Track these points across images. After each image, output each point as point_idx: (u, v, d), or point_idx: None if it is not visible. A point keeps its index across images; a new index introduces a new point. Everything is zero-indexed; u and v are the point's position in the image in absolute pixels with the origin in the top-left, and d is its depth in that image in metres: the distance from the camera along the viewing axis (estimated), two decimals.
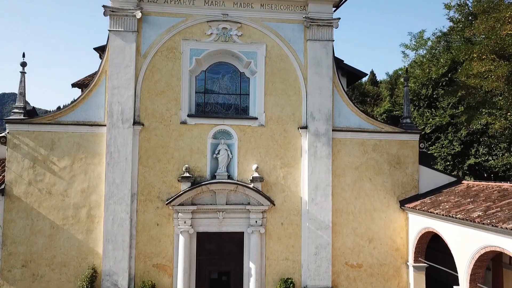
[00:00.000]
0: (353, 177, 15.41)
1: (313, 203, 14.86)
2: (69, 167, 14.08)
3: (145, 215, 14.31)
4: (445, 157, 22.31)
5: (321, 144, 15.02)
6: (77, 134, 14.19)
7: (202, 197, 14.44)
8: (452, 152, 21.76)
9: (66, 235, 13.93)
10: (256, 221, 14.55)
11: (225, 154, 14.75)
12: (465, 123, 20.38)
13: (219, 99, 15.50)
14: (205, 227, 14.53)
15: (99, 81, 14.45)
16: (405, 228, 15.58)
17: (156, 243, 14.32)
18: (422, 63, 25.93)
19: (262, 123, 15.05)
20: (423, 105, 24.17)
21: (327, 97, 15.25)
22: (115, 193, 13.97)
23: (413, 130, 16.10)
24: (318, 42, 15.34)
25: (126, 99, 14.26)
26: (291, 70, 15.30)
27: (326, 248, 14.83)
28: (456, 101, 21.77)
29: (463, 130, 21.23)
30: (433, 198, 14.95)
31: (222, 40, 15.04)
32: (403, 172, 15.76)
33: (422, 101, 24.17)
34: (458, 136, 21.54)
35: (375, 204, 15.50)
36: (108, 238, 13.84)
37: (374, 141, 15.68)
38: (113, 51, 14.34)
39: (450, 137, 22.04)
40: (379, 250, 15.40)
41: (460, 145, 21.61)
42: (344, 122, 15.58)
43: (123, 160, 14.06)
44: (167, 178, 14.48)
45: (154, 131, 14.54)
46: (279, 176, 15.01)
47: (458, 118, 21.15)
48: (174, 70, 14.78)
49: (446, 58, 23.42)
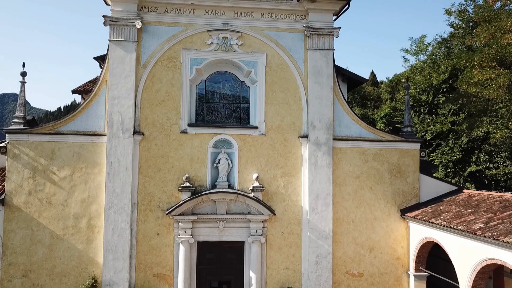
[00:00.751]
0: (353, 186, 15.36)
1: (313, 213, 14.82)
2: (69, 177, 14.06)
3: (145, 225, 14.28)
4: (446, 164, 22.25)
5: (321, 153, 14.99)
6: (77, 144, 14.18)
7: (202, 207, 14.40)
8: (453, 159, 21.71)
9: (66, 245, 13.90)
10: (257, 230, 14.50)
11: (226, 163, 14.71)
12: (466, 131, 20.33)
13: (219, 108, 15.47)
14: (205, 237, 14.49)
15: (99, 91, 14.45)
16: (406, 237, 15.52)
17: (156, 253, 14.28)
18: (423, 68, 25.89)
19: (262, 132, 15.02)
20: (423, 111, 24.12)
21: (327, 106, 15.22)
22: (115, 203, 13.94)
23: (414, 139, 16.06)
24: (318, 51, 15.32)
25: (126, 108, 14.25)
26: (292, 79, 15.28)
27: (327, 257, 14.78)
28: (456, 108, 21.71)
29: (464, 137, 21.17)
30: (434, 207, 14.90)
31: (223, 49, 15.03)
32: (404, 181, 15.71)
33: (423, 107, 24.12)
34: (459, 143, 21.50)
35: (376, 213, 15.45)
36: (108, 248, 13.80)
37: (375, 150, 15.64)
38: (113, 61, 14.33)
39: (451, 144, 21.99)
40: (380, 259, 15.34)
41: (461, 152, 21.56)
42: (345, 131, 15.55)
43: (123, 170, 14.04)
44: (167, 188, 14.45)
45: (154, 141, 14.52)
46: (280, 186, 14.97)
47: (459, 125, 21.10)
48: (174, 79, 14.77)
49: (447, 64, 23.39)
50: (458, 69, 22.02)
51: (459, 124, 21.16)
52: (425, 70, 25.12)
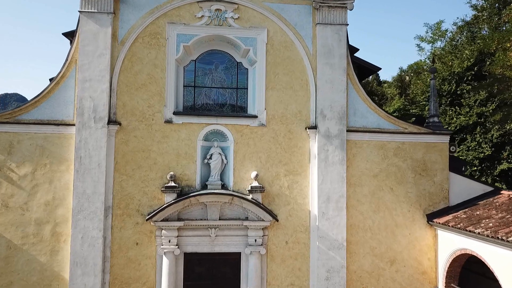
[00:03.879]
0: (371, 187, 13.09)
1: (323, 218, 12.56)
2: (30, 175, 11.83)
3: (122, 233, 12.04)
4: (471, 161, 19.81)
5: (333, 148, 12.70)
6: (41, 136, 11.94)
7: (190, 211, 12.22)
8: (481, 156, 19.26)
9: (26, 257, 11.68)
10: (256, 239, 12.31)
11: (219, 159, 12.54)
12: (498, 123, 17.83)
13: (211, 94, 13.25)
14: (194, 247, 12.29)
15: (67, 72, 12.21)
16: (433, 248, 13.19)
17: (135, 267, 12.07)
18: (442, 56, 23.46)
19: (263, 123, 12.76)
20: (445, 102, 21.70)
21: (340, 91, 12.93)
22: (85, 207, 11.73)
23: (442, 131, 13.66)
24: (329, 26, 13.02)
25: (99, 93, 12.02)
26: (298, 60, 12.99)
27: (340, 271, 12.53)
28: (484, 98, 19.26)
29: (494, 130, 18.69)
30: (469, 212, 12.49)
31: (215, 24, 12.76)
32: (430, 181, 13.37)
33: (444, 98, 21.70)
34: (489, 137, 19.02)
35: (398, 218, 13.15)
36: (76, 261, 11.59)
37: (396, 143, 13.34)
38: (84, 36, 12.09)
39: (479, 139, 19.51)
40: (403, 273, 13.04)
41: (490, 148, 19.08)
42: (361, 122, 13.24)
43: (95, 167, 11.81)
44: (149, 188, 12.22)
45: (134, 132, 12.28)
46: (283, 186, 12.72)
47: (489, 117, 18.66)
48: (158, 59, 12.52)
49: (471, 49, 20.93)
50: (485, 54, 19.67)
51: (489, 115, 18.71)
52: (445, 57, 22.73)
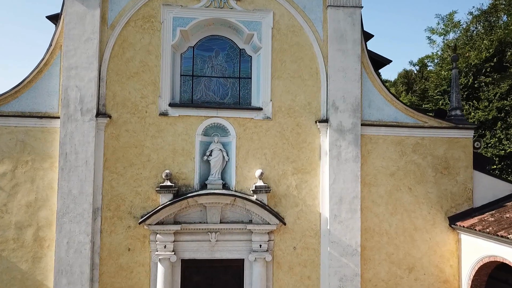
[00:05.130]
0: (387, 187, 11.89)
1: (335, 221, 11.36)
2: (10, 173, 10.69)
3: (112, 238, 10.88)
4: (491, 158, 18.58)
5: (346, 143, 11.49)
6: (22, 130, 10.79)
7: (188, 214, 11.07)
8: (502, 153, 18.02)
9: (6, 265, 10.57)
10: (261, 245, 11.17)
11: (219, 156, 11.37)
12: None
13: (211, 84, 12.05)
14: (192, 253, 11.14)
15: (51, 59, 11.05)
16: (456, 254, 11.99)
17: (127, 275, 10.93)
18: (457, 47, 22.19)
19: (268, 115, 11.56)
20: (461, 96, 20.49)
21: (354, 81, 11.71)
22: (71, 208, 10.58)
23: (466, 125, 12.42)
24: (341, 9, 11.80)
25: (87, 83, 10.84)
26: (307, 46, 11.79)
27: (353, 280, 11.36)
28: (505, 91, 18.01)
29: None
30: (497, 215, 11.26)
31: (216, 6, 11.57)
32: (452, 180, 12.16)
33: (461, 92, 20.47)
34: (511, 133, 17.78)
35: (417, 221, 11.96)
36: (61, 269, 10.45)
37: (415, 139, 12.13)
38: (70, 19, 10.92)
39: (500, 135, 18.26)
40: (422, 282, 11.86)
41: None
42: (376, 115, 12.03)
43: (82, 164, 10.65)
44: (142, 188, 11.07)
45: (125, 126, 11.10)
46: (291, 186, 11.53)
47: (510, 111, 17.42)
48: (152, 45, 11.33)
49: (490, 39, 19.66)
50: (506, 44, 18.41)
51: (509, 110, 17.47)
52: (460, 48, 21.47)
